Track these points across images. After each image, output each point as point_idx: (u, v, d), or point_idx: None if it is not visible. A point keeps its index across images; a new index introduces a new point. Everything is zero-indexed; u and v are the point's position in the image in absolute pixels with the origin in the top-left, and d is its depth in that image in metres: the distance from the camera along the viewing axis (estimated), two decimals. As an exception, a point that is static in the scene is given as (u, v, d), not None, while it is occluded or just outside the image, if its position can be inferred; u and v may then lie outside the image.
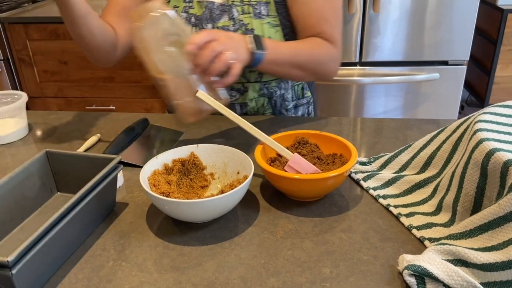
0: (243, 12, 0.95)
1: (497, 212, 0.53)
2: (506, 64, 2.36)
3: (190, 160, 0.75)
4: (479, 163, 0.59)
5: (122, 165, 0.71)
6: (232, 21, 0.95)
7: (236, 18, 0.95)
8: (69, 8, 0.81)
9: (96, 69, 2.22)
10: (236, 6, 0.96)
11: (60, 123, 1.03)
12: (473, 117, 0.70)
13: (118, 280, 0.57)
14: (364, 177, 0.76)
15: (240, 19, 0.95)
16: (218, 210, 0.64)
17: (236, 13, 0.95)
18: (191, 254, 0.61)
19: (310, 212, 0.69)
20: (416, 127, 0.97)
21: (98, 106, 2.31)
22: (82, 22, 0.84)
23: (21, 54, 2.23)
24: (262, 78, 1.01)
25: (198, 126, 0.99)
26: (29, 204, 0.69)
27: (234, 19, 0.95)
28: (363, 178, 0.76)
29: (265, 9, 0.96)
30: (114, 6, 0.97)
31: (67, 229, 0.58)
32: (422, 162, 0.75)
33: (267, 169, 0.68)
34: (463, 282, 0.51)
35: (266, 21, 0.95)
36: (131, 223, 0.68)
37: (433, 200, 0.68)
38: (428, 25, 1.99)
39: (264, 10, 0.96)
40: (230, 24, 0.95)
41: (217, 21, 0.96)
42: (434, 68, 2.08)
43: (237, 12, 0.95)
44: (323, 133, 0.79)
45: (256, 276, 0.57)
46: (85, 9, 0.84)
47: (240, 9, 0.96)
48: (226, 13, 0.96)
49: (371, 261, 0.59)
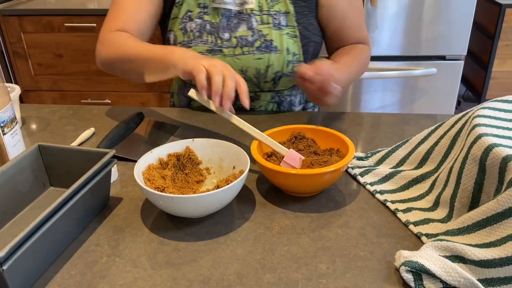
0: (262, 22, 0.93)
1: (495, 208, 0.53)
2: (503, 59, 2.36)
3: (186, 155, 0.74)
4: (478, 159, 0.59)
5: (116, 160, 0.70)
6: (251, 31, 0.93)
7: (255, 28, 0.93)
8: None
9: (92, 62, 2.21)
10: (255, 16, 0.93)
11: (54, 116, 1.02)
12: (471, 112, 0.69)
13: (111, 276, 0.56)
14: (361, 172, 0.76)
15: (259, 29, 0.93)
16: (213, 205, 0.63)
17: (255, 22, 0.93)
18: (186, 249, 0.60)
19: (307, 208, 0.69)
20: (413, 122, 0.96)
21: (94, 100, 2.30)
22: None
23: (16, 47, 2.20)
24: (276, 87, 1.00)
25: (193, 121, 0.98)
26: (21, 198, 0.68)
27: (253, 29, 0.93)
28: (360, 173, 0.75)
29: (284, 19, 0.94)
30: (124, 13, 0.93)
31: (60, 224, 0.57)
32: (420, 157, 0.74)
33: (264, 164, 0.67)
34: (460, 278, 0.51)
35: (285, 31, 0.94)
36: (125, 218, 0.67)
37: (431, 196, 0.68)
38: (425, 20, 1.98)
39: (283, 20, 0.94)
40: (249, 34, 0.93)
41: (235, 30, 0.94)
42: (432, 63, 2.08)
43: (256, 22, 0.93)
44: (320, 128, 0.78)
45: (252, 272, 0.56)
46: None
47: (259, 18, 0.94)
48: (244, 22, 0.94)
49: (368, 257, 0.59)
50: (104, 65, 0.93)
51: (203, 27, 0.94)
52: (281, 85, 0.99)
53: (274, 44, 0.93)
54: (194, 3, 0.95)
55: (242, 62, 0.94)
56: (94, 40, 0.95)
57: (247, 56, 0.94)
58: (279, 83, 0.98)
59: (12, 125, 0.76)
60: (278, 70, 0.95)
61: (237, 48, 0.94)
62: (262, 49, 0.93)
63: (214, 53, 0.94)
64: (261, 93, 1.01)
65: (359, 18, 1.00)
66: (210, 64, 0.72)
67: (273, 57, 0.94)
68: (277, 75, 0.96)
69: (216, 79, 0.70)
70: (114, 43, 0.88)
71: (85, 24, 2.09)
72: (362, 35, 1.02)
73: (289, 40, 0.94)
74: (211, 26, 0.94)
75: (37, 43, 2.19)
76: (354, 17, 0.99)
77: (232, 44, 0.94)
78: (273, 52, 0.93)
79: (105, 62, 0.91)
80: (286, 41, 0.94)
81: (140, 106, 2.28)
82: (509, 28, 2.28)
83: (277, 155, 0.75)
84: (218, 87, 0.70)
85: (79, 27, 2.12)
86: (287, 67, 0.95)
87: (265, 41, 0.93)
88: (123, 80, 2.24)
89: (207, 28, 0.94)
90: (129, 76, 0.90)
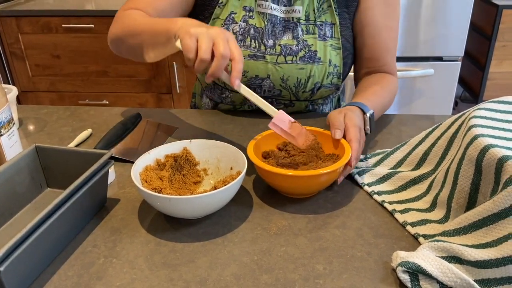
0: (307, 32, 0.92)
1: (491, 208, 0.53)
2: (500, 60, 2.37)
3: (183, 156, 0.74)
4: (474, 159, 0.59)
5: (113, 161, 0.70)
6: (296, 40, 0.92)
7: (300, 38, 0.92)
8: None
9: (89, 63, 2.20)
10: (301, 25, 0.92)
11: (51, 117, 1.01)
12: (467, 112, 0.70)
13: (109, 277, 0.56)
14: (358, 171, 0.76)
15: (305, 39, 0.92)
16: (211, 206, 0.63)
17: (300, 32, 0.92)
18: (183, 250, 0.60)
19: (304, 209, 0.69)
20: (411, 123, 0.96)
21: (91, 101, 2.30)
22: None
23: (13, 48, 2.20)
24: (312, 97, 0.99)
25: (191, 122, 0.99)
26: (18, 199, 0.68)
27: (298, 39, 0.92)
28: (358, 172, 0.76)
29: (329, 30, 0.93)
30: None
31: (57, 226, 0.57)
32: (417, 159, 0.75)
33: (260, 165, 0.67)
34: (457, 279, 0.51)
35: (329, 43, 0.93)
36: (122, 219, 0.67)
37: (428, 197, 0.68)
38: (423, 21, 1.99)
39: (328, 32, 0.93)
40: (294, 43, 0.92)
41: (280, 38, 0.92)
42: (429, 64, 2.08)
43: (301, 31, 0.92)
44: (326, 132, 0.77)
45: (249, 272, 0.56)
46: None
47: (304, 28, 0.92)
48: (289, 31, 0.92)
49: (365, 257, 0.59)
50: (112, 43, 0.89)
51: (247, 31, 0.92)
52: (317, 95, 0.98)
53: (318, 56, 0.92)
54: (239, 5, 0.92)
55: (283, 71, 0.93)
56: (92, 41, 0.95)
57: (289, 65, 0.92)
58: (316, 93, 0.97)
59: (9, 126, 0.76)
60: (318, 81, 0.94)
61: (280, 56, 0.92)
62: (305, 60, 0.92)
63: (256, 58, 0.92)
64: (296, 101, 0.99)
65: (389, 44, 0.97)
66: (203, 30, 0.65)
67: (315, 68, 0.92)
68: (316, 86, 0.95)
69: (201, 43, 0.64)
70: (125, 20, 0.85)
71: (83, 25, 2.09)
72: (390, 63, 0.98)
73: (332, 52, 0.93)
74: (255, 31, 0.92)
75: (35, 44, 2.18)
76: (383, 41, 0.96)
77: (276, 51, 0.92)
78: (316, 63, 0.92)
79: (114, 39, 0.88)
80: (330, 52, 0.93)
81: (138, 107, 2.28)
82: (506, 29, 2.29)
83: (275, 155, 0.75)
84: (203, 52, 0.64)
85: (76, 28, 2.12)
86: (327, 78, 0.94)
87: (309, 52, 0.92)
88: (121, 81, 2.24)
89: (251, 33, 0.92)
90: (134, 54, 0.85)
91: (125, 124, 0.90)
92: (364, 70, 1.00)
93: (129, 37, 0.83)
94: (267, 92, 0.96)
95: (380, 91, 0.93)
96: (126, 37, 0.84)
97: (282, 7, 0.93)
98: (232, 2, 0.92)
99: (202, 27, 0.66)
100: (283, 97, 0.98)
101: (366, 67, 1.00)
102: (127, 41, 0.84)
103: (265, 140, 0.76)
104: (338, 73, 0.96)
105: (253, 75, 0.93)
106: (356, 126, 0.74)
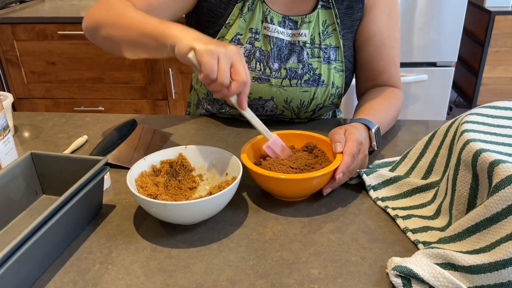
0: (312, 55, 0.92)
1: (483, 213, 0.53)
2: (493, 65, 2.39)
3: (178, 162, 0.74)
4: (469, 164, 0.59)
5: (109, 167, 0.70)
6: (301, 64, 0.92)
7: (305, 61, 0.92)
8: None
9: (85, 70, 2.21)
10: (306, 48, 0.92)
11: (47, 124, 1.02)
12: (460, 118, 0.70)
13: (104, 283, 0.56)
14: (366, 171, 0.75)
15: (310, 63, 0.92)
16: (206, 211, 0.63)
17: (305, 55, 0.92)
18: (179, 256, 0.60)
19: (299, 213, 0.69)
20: (405, 128, 0.97)
21: (87, 107, 2.30)
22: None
23: (8, 55, 2.20)
24: (313, 115, 0.99)
25: (186, 128, 0.99)
26: (13, 206, 0.68)
27: (303, 62, 0.92)
28: (365, 172, 0.75)
29: (333, 54, 0.93)
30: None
31: (52, 232, 0.57)
32: (423, 171, 0.74)
33: (253, 169, 0.68)
34: (448, 284, 0.51)
35: (333, 66, 0.93)
36: (118, 225, 0.67)
37: (433, 205, 0.68)
38: (416, 27, 2.01)
39: (333, 55, 0.93)
40: (299, 66, 0.92)
41: (286, 62, 0.92)
42: (423, 69, 2.10)
43: (306, 55, 0.92)
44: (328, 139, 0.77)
45: (244, 278, 0.56)
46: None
47: (309, 51, 0.92)
48: (295, 54, 0.92)
49: (360, 262, 0.59)
50: (90, 28, 0.84)
51: (253, 53, 0.91)
52: (317, 114, 0.99)
53: (322, 79, 0.92)
54: (245, 26, 0.91)
55: (287, 93, 0.93)
56: (87, 48, 0.95)
57: (293, 88, 0.92)
58: (317, 113, 0.98)
59: (5, 133, 0.76)
60: (320, 103, 0.95)
61: (285, 79, 0.92)
62: (309, 83, 0.92)
63: (260, 81, 0.92)
64: (296, 119, 1.00)
65: (393, 55, 0.96)
66: (222, 51, 0.64)
67: (318, 90, 0.93)
68: (318, 107, 0.96)
69: (222, 65, 0.63)
70: (112, 9, 0.81)
71: (78, 32, 2.10)
72: (394, 74, 0.97)
73: (335, 74, 0.93)
74: (261, 54, 0.91)
75: (30, 51, 2.18)
76: (388, 51, 0.95)
77: (281, 75, 0.92)
78: (319, 86, 0.93)
79: (93, 24, 0.82)
80: (333, 75, 0.93)
81: (134, 113, 2.28)
82: (499, 34, 2.31)
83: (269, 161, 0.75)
84: (223, 76, 0.63)
85: (72, 35, 2.12)
86: (328, 99, 0.95)
87: (314, 75, 0.92)
88: (116, 87, 2.24)
89: (257, 56, 0.91)
90: (111, 45, 0.81)
91: (120, 131, 0.90)
92: (369, 83, 1.00)
93: (112, 28, 0.79)
94: (269, 111, 0.97)
95: (388, 107, 0.92)
96: (108, 27, 0.80)
97: (289, 30, 0.92)
98: (238, 23, 0.91)
99: (219, 46, 0.65)
100: (285, 116, 0.98)
101: (371, 79, 0.99)
102: (109, 31, 0.79)
103: (263, 142, 0.76)
104: (339, 94, 0.96)
105: (257, 96, 0.93)
106: (355, 141, 0.73)
